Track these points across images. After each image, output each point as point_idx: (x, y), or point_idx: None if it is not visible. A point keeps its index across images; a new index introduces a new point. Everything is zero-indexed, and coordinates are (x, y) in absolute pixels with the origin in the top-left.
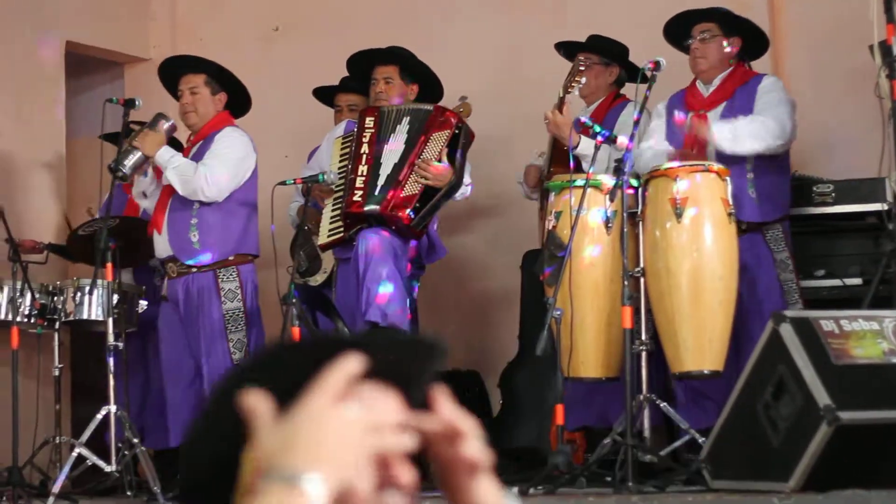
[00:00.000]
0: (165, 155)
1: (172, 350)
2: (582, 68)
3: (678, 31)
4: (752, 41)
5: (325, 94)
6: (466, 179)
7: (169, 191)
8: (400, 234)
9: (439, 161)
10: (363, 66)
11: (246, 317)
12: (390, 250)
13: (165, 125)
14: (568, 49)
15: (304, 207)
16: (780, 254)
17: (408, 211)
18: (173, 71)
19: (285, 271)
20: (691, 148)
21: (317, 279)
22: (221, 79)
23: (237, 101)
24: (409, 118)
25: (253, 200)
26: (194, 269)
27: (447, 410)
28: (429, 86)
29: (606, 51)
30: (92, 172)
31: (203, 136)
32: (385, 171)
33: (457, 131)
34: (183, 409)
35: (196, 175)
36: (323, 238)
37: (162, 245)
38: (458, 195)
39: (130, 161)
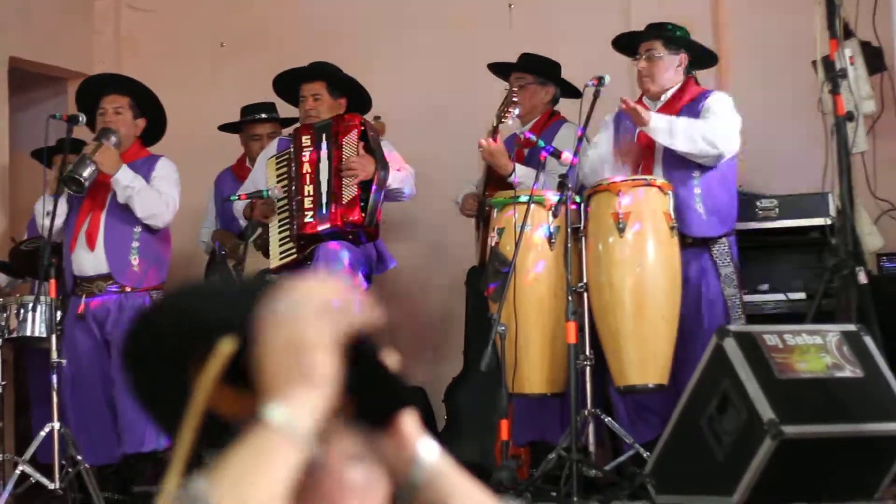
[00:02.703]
0: (127, 176)
1: (85, 371)
2: (515, 99)
3: (628, 45)
4: (699, 52)
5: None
6: (409, 168)
7: (99, 208)
8: (357, 240)
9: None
10: (291, 84)
11: None
12: (349, 259)
13: (114, 139)
14: (501, 70)
15: (218, 231)
16: (725, 268)
17: (356, 212)
18: (97, 88)
19: None
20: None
21: None
22: (144, 105)
23: (154, 128)
24: (323, 133)
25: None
26: (128, 289)
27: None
28: (357, 98)
29: (540, 70)
30: (35, 187)
31: (126, 162)
32: (326, 188)
33: (363, 127)
34: (92, 428)
35: (160, 201)
36: (275, 261)
37: (92, 262)
38: (408, 190)
39: (87, 172)
